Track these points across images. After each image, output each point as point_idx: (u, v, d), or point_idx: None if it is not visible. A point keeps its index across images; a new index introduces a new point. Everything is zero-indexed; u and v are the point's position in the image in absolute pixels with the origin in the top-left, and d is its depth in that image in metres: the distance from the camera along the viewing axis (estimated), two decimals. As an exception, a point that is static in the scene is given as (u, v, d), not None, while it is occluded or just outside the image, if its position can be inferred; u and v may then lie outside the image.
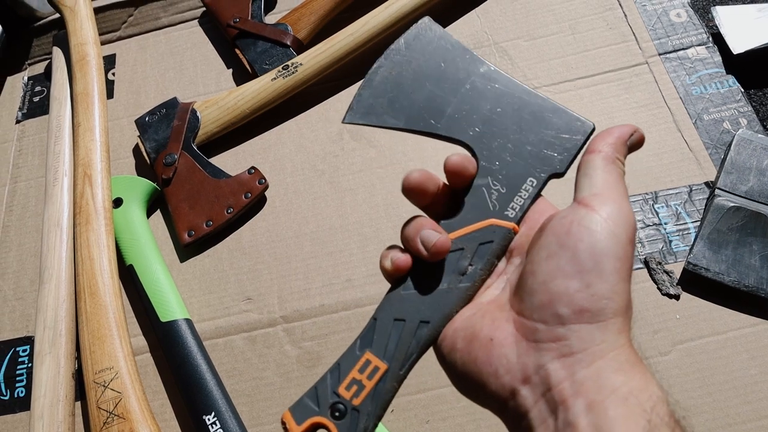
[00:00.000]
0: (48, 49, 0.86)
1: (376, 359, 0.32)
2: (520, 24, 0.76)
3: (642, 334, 0.56)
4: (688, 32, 0.72)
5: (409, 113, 0.36)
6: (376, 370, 0.32)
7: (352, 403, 0.31)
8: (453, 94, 0.36)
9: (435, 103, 0.36)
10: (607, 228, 0.29)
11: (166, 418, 0.59)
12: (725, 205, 0.58)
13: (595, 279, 0.28)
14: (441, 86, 0.36)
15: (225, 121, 0.72)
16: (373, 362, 0.32)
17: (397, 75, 0.38)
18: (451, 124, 0.35)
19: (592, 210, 0.30)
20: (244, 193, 0.68)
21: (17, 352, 0.64)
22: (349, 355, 0.32)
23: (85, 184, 0.66)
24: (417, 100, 0.36)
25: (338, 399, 0.31)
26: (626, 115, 0.67)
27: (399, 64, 0.38)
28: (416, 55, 0.38)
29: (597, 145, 0.33)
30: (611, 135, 0.34)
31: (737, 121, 0.65)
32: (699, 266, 0.57)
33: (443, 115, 0.36)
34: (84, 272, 0.61)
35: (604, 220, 0.29)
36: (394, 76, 0.38)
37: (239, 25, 0.78)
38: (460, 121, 0.35)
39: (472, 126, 0.35)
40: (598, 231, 0.29)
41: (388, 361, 0.32)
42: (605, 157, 0.33)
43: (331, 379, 0.32)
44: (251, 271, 0.65)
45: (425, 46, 0.38)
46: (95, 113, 0.72)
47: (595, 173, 0.32)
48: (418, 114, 0.36)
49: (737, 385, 0.53)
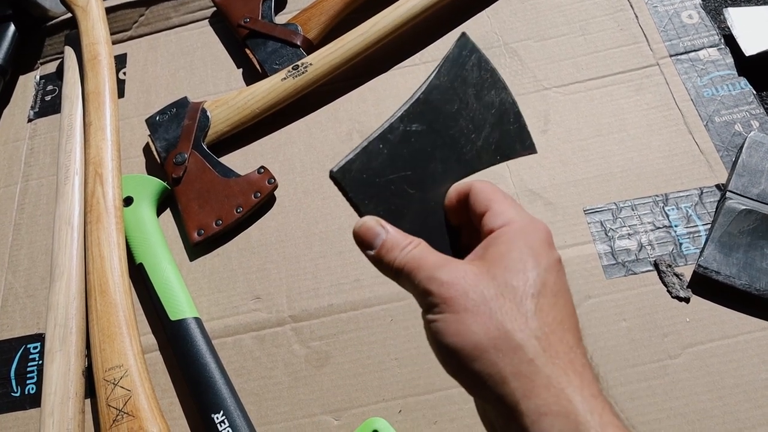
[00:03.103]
0: (60, 48, 0.86)
1: None
2: (530, 24, 0.76)
3: (652, 337, 0.56)
4: (700, 34, 0.71)
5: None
6: None
7: None
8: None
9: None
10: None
11: (175, 416, 0.59)
12: (736, 207, 0.58)
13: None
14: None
15: (235, 120, 0.72)
16: None
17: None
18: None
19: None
20: (254, 193, 0.68)
21: (28, 349, 0.65)
22: None
23: (96, 183, 0.67)
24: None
25: None
26: (637, 116, 0.67)
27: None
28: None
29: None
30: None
31: (749, 123, 0.65)
32: (709, 269, 0.56)
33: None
34: (95, 270, 0.61)
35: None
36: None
37: (249, 25, 0.78)
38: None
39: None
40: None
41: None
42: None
43: None
44: (260, 271, 0.65)
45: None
46: (106, 112, 0.72)
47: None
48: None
49: (748, 389, 0.52)
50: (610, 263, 0.60)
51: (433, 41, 0.77)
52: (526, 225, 0.34)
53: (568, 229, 0.62)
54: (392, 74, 0.76)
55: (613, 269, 0.59)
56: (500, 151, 0.39)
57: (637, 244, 0.60)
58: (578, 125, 0.68)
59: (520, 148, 0.40)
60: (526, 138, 0.40)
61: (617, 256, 0.60)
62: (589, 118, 0.68)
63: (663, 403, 0.53)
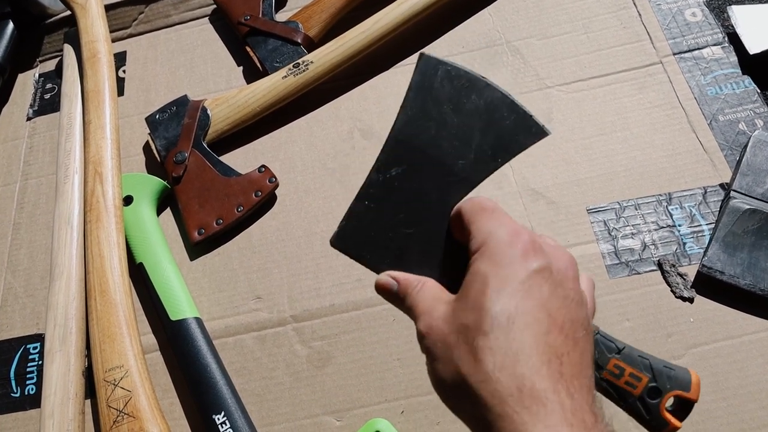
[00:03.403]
0: (59, 46, 0.86)
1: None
2: (532, 22, 0.75)
3: (655, 337, 0.55)
4: (704, 32, 0.71)
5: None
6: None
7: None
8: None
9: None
10: None
11: (176, 417, 0.58)
12: (741, 207, 0.58)
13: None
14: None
15: (235, 119, 0.72)
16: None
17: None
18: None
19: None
20: (255, 192, 0.67)
21: (28, 349, 0.64)
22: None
23: (96, 182, 0.66)
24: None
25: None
26: (640, 115, 0.67)
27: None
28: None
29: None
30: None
31: (753, 122, 0.64)
32: (713, 269, 0.56)
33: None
34: (94, 270, 0.61)
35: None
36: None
37: (250, 22, 0.77)
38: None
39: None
40: None
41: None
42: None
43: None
44: (261, 270, 0.65)
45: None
46: (106, 111, 0.72)
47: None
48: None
49: (752, 390, 0.52)
50: (614, 263, 0.59)
51: (435, 39, 0.76)
52: (498, 243, 0.32)
53: (570, 229, 0.62)
54: (394, 72, 0.75)
55: (616, 269, 0.59)
56: (502, 151, 0.37)
57: (640, 244, 0.60)
58: (581, 124, 0.67)
59: (526, 138, 0.38)
60: (530, 125, 0.37)
61: (620, 256, 0.59)
62: (591, 116, 0.68)
63: (667, 404, 0.53)
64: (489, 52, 0.74)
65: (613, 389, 0.36)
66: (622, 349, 0.36)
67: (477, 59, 0.74)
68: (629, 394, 0.35)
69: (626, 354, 0.36)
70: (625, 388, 0.35)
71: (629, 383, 0.35)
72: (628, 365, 0.35)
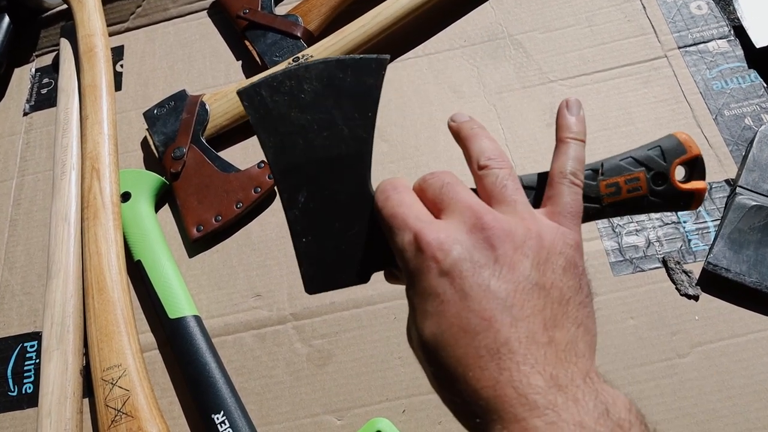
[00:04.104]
0: (56, 40, 0.85)
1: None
2: (535, 16, 0.74)
3: (660, 335, 0.55)
4: (709, 25, 0.70)
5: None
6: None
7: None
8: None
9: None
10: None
11: (175, 416, 0.58)
12: (747, 203, 0.57)
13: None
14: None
15: (234, 114, 0.71)
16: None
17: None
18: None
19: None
20: (254, 188, 0.67)
21: (25, 347, 0.64)
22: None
23: (93, 178, 0.66)
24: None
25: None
26: (644, 110, 0.66)
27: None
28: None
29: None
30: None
31: (759, 117, 0.64)
32: (719, 266, 0.55)
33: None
34: (92, 267, 0.60)
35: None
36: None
37: (249, 16, 0.76)
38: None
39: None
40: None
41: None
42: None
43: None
44: (261, 267, 0.64)
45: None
46: (103, 106, 0.71)
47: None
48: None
49: (758, 389, 0.52)
50: (618, 260, 0.58)
51: (436, 33, 0.75)
52: (407, 264, 0.31)
53: (574, 225, 0.61)
54: (394, 66, 0.74)
55: (620, 266, 0.58)
56: (364, 106, 0.37)
57: (645, 241, 0.59)
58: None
59: (373, 78, 0.38)
60: (366, 64, 0.37)
61: (625, 253, 0.59)
62: (595, 111, 0.67)
63: (671, 403, 0.52)
64: (491, 45, 0.73)
65: (622, 206, 0.34)
66: (602, 167, 0.35)
67: (479, 53, 0.73)
68: (639, 198, 0.34)
69: (608, 168, 0.35)
70: (632, 196, 0.34)
71: (632, 190, 0.34)
72: (617, 176, 0.34)
